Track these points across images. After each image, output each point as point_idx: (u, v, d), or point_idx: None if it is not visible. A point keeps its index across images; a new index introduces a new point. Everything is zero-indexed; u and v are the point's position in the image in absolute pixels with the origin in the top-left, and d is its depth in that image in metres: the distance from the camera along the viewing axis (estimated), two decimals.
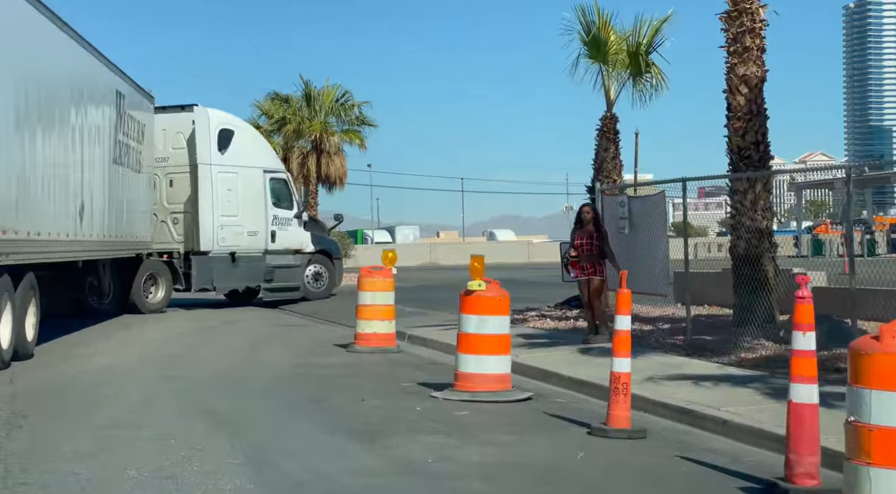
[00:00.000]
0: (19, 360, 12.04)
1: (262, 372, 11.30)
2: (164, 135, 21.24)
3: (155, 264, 20.44)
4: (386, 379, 10.85)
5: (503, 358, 9.55)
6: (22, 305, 12.10)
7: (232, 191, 21.29)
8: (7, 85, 11.64)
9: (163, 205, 21.26)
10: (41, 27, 12.95)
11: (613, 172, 15.26)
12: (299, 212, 22.85)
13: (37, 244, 12.70)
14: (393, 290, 13.67)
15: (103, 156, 16.36)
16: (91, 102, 15.59)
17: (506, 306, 9.62)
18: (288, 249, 22.42)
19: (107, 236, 16.62)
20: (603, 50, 15.36)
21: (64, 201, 14.03)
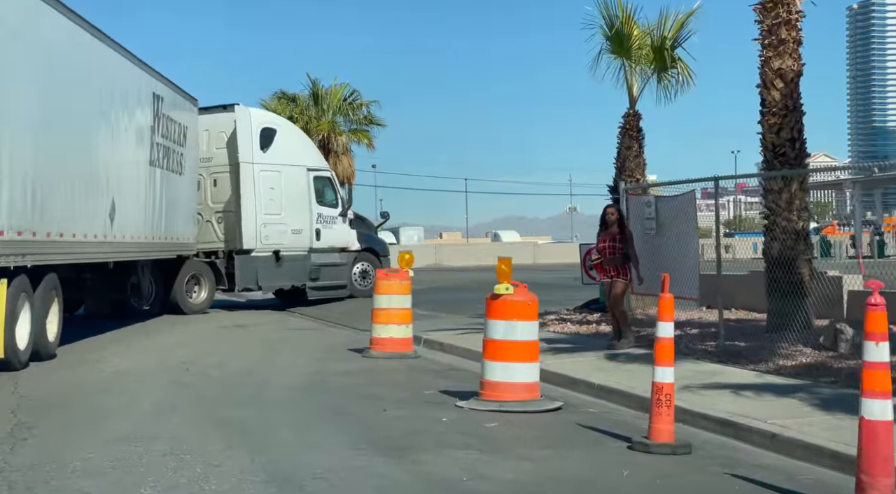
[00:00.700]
0: (41, 360, 11.99)
1: (277, 380, 10.85)
2: (207, 136, 21.22)
3: (197, 265, 20.32)
4: (406, 386, 10.40)
5: (532, 366, 9.09)
6: (42, 306, 12.13)
7: (275, 189, 21.12)
8: (25, 87, 11.59)
9: (207, 205, 21.17)
10: (61, 26, 12.81)
11: (636, 171, 14.78)
12: (344, 210, 22.70)
13: (59, 245, 12.69)
14: (410, 293, 13.25)
15: (138, 159, 16.40)
16: (122, 104, 15.60)
17: (534, 311, 9.17)
18: (333, 247, 22.28)
19: (143, 238, 16.68)
20: (626, 45, 14.88)
21: (91, 203, 14.01)
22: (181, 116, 19.26)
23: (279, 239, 21.16)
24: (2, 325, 10.82)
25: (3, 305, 10.87)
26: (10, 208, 11.05)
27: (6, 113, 11.10)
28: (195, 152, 20.45)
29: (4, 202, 10.94)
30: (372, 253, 23.47)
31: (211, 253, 20.92)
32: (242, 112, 21.36)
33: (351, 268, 22.78)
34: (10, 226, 11.07)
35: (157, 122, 17.48)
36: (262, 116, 22.16)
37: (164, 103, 17.86)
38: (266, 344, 14.78)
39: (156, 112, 17.41)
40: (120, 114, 15.47)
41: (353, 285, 22.71)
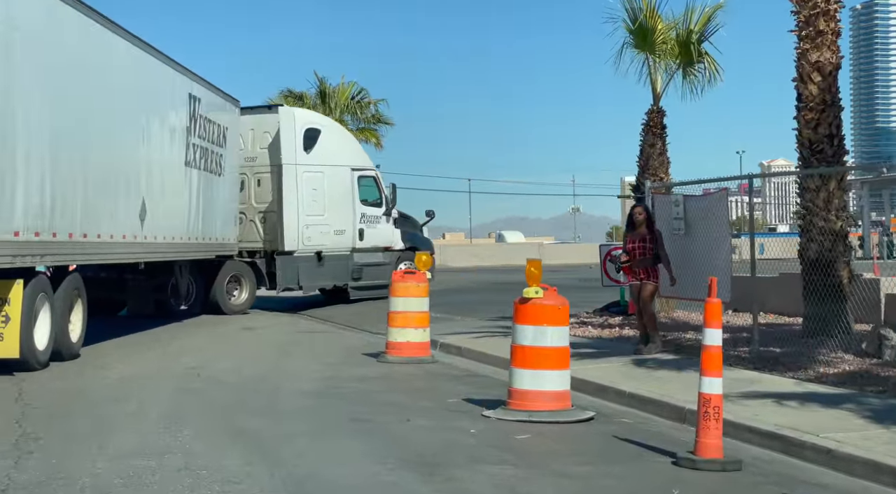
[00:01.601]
0: (63, 360, 11.97)
1: (291, 386, 10.39)
2: (252, 135, 21.18)
3: (238, 265, 20.20)
4: (428, 394, 9.94)
5: (562, 374, 8.64)
6: (64, 306, 12.16)
7: (318, 190, 21.11)
8: (40, 88, 11.47)
9: (251, 205, 21.09)
10: (79, 25, 12.63)
11: (660, 170, 14.30)
12: (388, 210, 22.71)
13: (83, 246, 12.70)
14: (427, 296, 12.78)
15: (172, 159, 16.31)
16: (153, 105, 15.53)
17: (565, 315, 8.71)
18: (377, 247, 22.33)
19: (177, 238, 16.60)
20: (650, 39, 14.39)
21: (118, 204, 13.95)
22: (221, 117, 19.16)
23: (321, 239, 21.19)
24: (17, 326, 10.76)
25: (19, 306, 10.79)
26: (25, 209, 11.00)
27: (19, 115, 10.97)
28: (236, 153, 20.40)
29: (20, 203, 10.86)
30: (416, 251, 22.78)
31: (253, 252, 20.84)
32: (286, 113, 21.41)
33: (393, 268, 22.28)
34: (26, 227, 11.01)
35: (193, 123, 17.38)
36: (307, 117, 22.10)
37: (201, 104, 17.74)
38: (277, 347, 14.33)
39: (192, 113, 17.30)
40: (150, 114, 15.38)
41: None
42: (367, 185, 22.41)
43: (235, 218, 20.37)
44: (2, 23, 10.63)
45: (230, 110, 20.11)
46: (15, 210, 10.74)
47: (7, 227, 10.62)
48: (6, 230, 10.60)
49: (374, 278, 22.09)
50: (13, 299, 10.77)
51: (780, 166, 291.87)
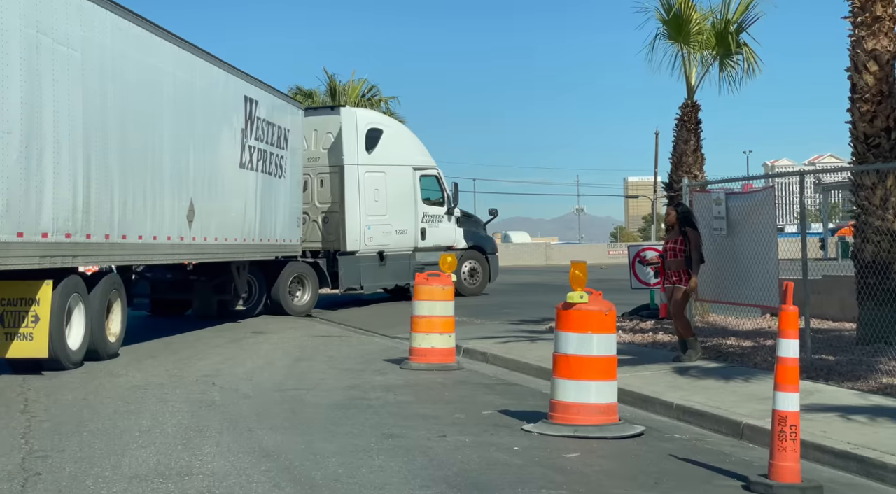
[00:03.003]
0: (100, 360, 12.18)
1: (315, 397, 9.77)
2: (314, 136, 21.39)
3: (301, 266, 20.19)
4: (459, 404, 9.32)
5: (609, 385, 8.03)
6: (100, 306, 12.31)
7: (380, 190, 21.35)
8: (72, 91, 11.50)
9: (314, 205, 21.28)
10: (113, 26, 12.63)
11: (694, 167, 13.65)
12: (450, 209, 22.82)
13: (122, 247, 12.89)
14: (453, 299, 12.18)
15: (224, 161, 16.38)
16: (202, 107, 15.51)
17: (612, 322, 8.10)
18: (439, 246, 22.45)
19: (232, 240, 16.70)
20: (685, 29, 13.74)
21: (161, 205, 14.00)
22: (281, 119, 19.20)
23: (383, 239, 21.37)
24: (46, 326, 10.82)
25: (48, 306, 10.85)
26: (55, 212, 11.06)
27: (48, 119, 10.94)
28: (299, 155, 20.39)
29: (48, 206, 10.91)
30: (479, 250, 23.56)
31: (316, 252, 20.99)
32: (348, 113, 21.53)
33: (458, 267, 22.83)
34: (56, 229, 11.09)
35: (250, 125, 17.41)
36: (369, 117, 22.16)
37: (258, 106, 17.79)
38: (292, 353, 13.71)
39: (248, 115, 17.34)
40: (197, 116, 15.35)
41: (461, 283, 22.78)
42: (429, 185, 22.52)
43: (298, 219, 20.31)
44: (29, 27, 10.61)
45: (292, 113, 20.12)
46: (42, 212, 10.79)
47: (34, 229, 10.67)
48: (33, 232, 10.65)
49: None
50: (42, 299, 10.84)
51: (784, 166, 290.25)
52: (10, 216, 10.20)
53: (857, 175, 10.24)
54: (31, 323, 10.80)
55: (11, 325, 10.82)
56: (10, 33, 10.23)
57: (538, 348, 12.98)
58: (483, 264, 23.49)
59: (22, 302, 10.84)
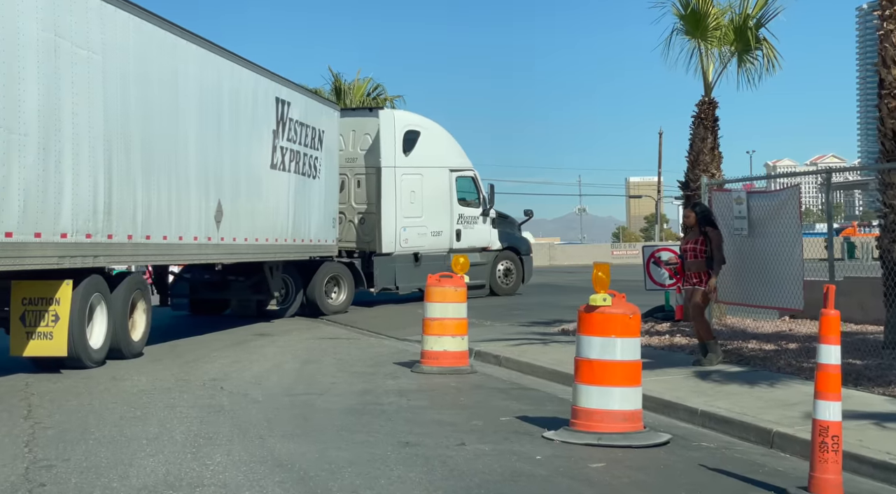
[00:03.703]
0: (124, 359, 12.36)
1: (325, 402, 9.49)
2: (352, 137, 21.51)
3: (336, 266, 20.33)
4: (476, 410, 9.03)
5: (634, 391, 7.73)
6: (124, 306, 12.44)
7: (416, 192, 21.57)
8: (98, 93, 11.68)
9: (351, 205, 21.44)
10: (136, 28, 12.76)
11: (712, 165, 13.34)
12: (486, 210, 22.97)
13: (147, 247, 13.02)
14: (466, 301, 11.89)
15: (253, 162, 16.49)
16: (230, 108, 15.59)
17: (636, 325, 7.81)
18: (474, 247, 22.65)
19: (262, 240, 16.79)
20: (702, 24, 13.42)
21: (188, 206, 14.12)
22: (316, 120, 19.32)
23: (419, 241, 21.57)
24: (66, 325, 10.93)
25: (67, 305, 10.93)
26: (74, 213, 11.17)
27: (66, 122, 11.02)
28: (335, 156, 20.54)
29: (67, 207, 11.02)
30: (514, 251, 23.63)
31: (351, 252, 21.22)
32: (386, 115, 21.62)
33: (492, 267, 23.12)
34: (75, 230, 11.20)
35: (282, 127, 17.53)
36: (407, 119, 22.17)
37: (290, 108, 17.89)
38: (300, 356, 13.42)
39: (279, 116, 17.44)
40: (224, 117, 15.38)
41: (497, 284, 23.16)
42: (465, 186, 22.64)
43: (334, 220, 20.43)
44: (47, 31, 10.67)
45: (328, 114, 20.22)
46: (61, 214, 10.90)
47: (52, 230, 10.77)
48: (51, 232, 10.75)
49: (471, 278, 22.54)
50: (62, 299, 10.93)
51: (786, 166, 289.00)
52: (26, 217, 10.30)
53: (885, 173, 9.94)
54: (51, 322, 10.88)
55: (32, 324, 10.93)
56: (27, 37, 10.33)
57: (552, 351, 12.70)
58: (517, 265, 23.59)
59: (42, 302, 10.94)
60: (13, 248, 10.10)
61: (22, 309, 10.92)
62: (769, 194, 10.68)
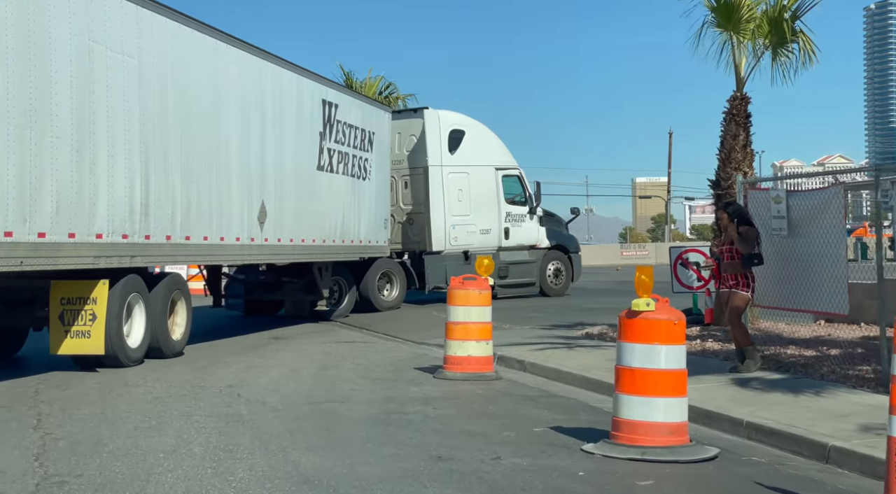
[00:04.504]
0: (165, 358, 12.53)
1: (348, 411, 9.06)
2: (398, 139, 21.76)
3: (388, 263, 20.72)
4: (507, 420, 8.60)
5: (680, 402, 7.28)
6: (163, 306, 12.55)
7: (463, 190, 21.74)
8: (134, 95, 11.82)
9: (399, 206, 21.80)
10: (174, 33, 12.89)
11: (744, 163, 12.86)
12: (533, 208, 23.04)
13: (186, 248, 13.16)
14: (490, 305, 11.46)
15: (299, 163, 16.60)
16: (274, 110, 15.68)
17: (681, 332, 7.37)
18: (522, 245, 22.83)
19: (309, 241, 16.92)
20: (735, 16, 12.93)
21: (231, 207, 14.24)
22: (366, 122, 19.50)
23: (468, 239, 21.79)
24: (103, 324, 11.05)
25: (104, 304, 11.06)
26: (110, 214, 11.33)
27: (101, 125, 11.14)
28: (386, 158, 20.76)
29: (102, 208, 11.16)
30: (562, 250, 23.66)
31: (400, 253, 21.56)
32: (431, 115, 21.71)
33: (540, 266, 23.14)
34: (111, 230, 11.36)
35: (328, 128, 17.70)
36: (452, 118, 22.23)
37: (338, 110, 18.06)
38: (317, 360, 13.00)
39: (326, 118, 17.63)
40: (267, 120, 15.48)
41: (546, 284, 23.17)
42: (512, 184, 22.70)
43: (386, 221, 20.66)
44: (80, 36, 10.80)
45: (378, 115, 20.37)
46: (96, 214, 11.08)
47: (87, 230, 10.93)
48: (86, 233, 10.91)
49: (519, 276, 22.59)
50: (99, 298, 11.08)
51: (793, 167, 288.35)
52: (60, 218, 10.44)
53: None
54: (88, 321, 11.04)
55: (70, 323, 11.08)
56: (59, 43, 10.48)
57: (578, 356, 12.27)
58: (566, 264, 23.62)
59: (80, 301, 11.10)
60: (46, 248, 10.26)
61: (61, 309, 11.07)
62: (810, 193, 10.23)
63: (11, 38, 9.82)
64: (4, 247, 9.67)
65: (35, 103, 10.11)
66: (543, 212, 23.53)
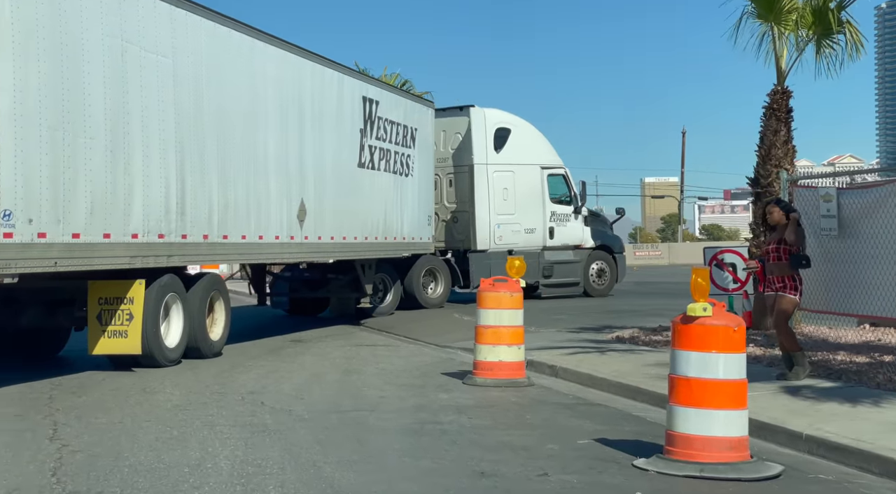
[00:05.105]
0: (204, 358, 12.51)
1: (378, 420, 8.60)
2: (443, 137, 21.72)
3: (432, 260, 20.78)
4: (547, 431, 8.13)
5: (740, 415, 6.81)
6: (201, 305, 12.58)
7: (508, 189, 21.69)
8: (169, 95, 11.81)
9: (444, 205, 21.74)
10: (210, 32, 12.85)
11: (785, 160, 12.32)
12: (578, 208, 22.94)
13: (224, 247, 13.16)
14: (522, 308, 10.99)
15: (339, 161, 16.56)
16: (312, 108, 15.62)
17: (741, 339, 6.90)
18: (566, 245, 22.77)
19: (350, 238, 16.91)
20: (776, 6, 12.39)
21: (269, 206, 14.20)
22: (408, 118, 19.43)
23: (512, 238, 21.72)
24: (139, 324, 11.08)
25: (140, 304, 11.08)
26: (145, 214, 11.34)
27: (135, 125, 11.15)
28: (429, 154, 20.66)
29: (137, 209, 11.18)
30: (606, 250, 23.47)
31: (445, 251, 21.47)
32: (477, 113, 21.66)
33: (584, 266, 22.99)
34: (147, 230, 11.38)
35: (369, 125, 17.67)
36: (497, 117, 22.17)
37: (378, 106, 18.00)
38: (340, 365, 12.53)
39: (367, 115, 17.59)
40: (306, 117, 15.44)
41: (589, 284, 23.01)
42: (557, 183, 22.57)
43: (429, 217, 20.58)
44: (112, 37, 10.78)
45: (420, 111, 20.27)
46: (131, 215, 11.09)
47: (122, 231, 10.95)
48: (121, 233, 10.93)
49: (564, 276, 22.57)
50: (136, 298, 11.11)
51: (803, 167, 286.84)
52: (94, 218, 10.46)
53: None
54: (125, 320, 11.08)
55: (107, 323, 11.12)
56: (92, 43, 10.49)
57: (611, 361, 11.80)
58: (611, 264, 23.41)
59: (117, 301, 11.13)
60: (81, 249, 10.27)
61: (98, 309, 11.11)
62: (864, 190, 9.74)
63: (43, 40, 9.84)
64: (38, 247, 9.69)
65: (68, 104, 10.13)
66: (588, 211, 23.48)
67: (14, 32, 9.45)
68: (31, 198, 9.57)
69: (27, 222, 9.48)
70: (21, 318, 11.59)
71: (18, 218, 9.35)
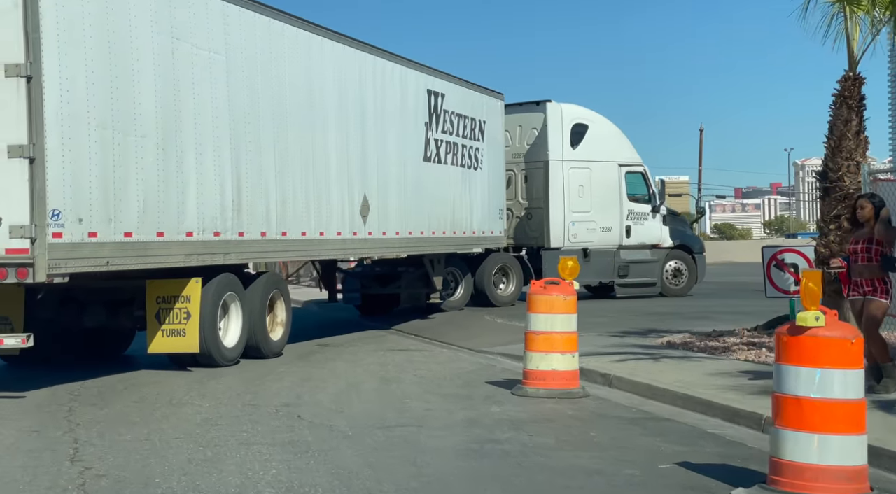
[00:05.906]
0: (265, 359, 12.36)
1: (429, 438, 7.76)
2: (519, 132, 21.44)
3: (504, 257, 20.47)
4: (618, 452, 7.29)
5: (857, 440, 5.94)
6: (260, 305, 12.41)
7: (584, 186, 21.26)
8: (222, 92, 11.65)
9: (518, 201, 21.41)
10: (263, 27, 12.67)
11: (857, 152, 11.42)
12: (657, 206, 22.37)
13: (284, 244, 12.99)
14: (576, 312, 10.14)
15: (404, 155, 16.34)
16: (375, 103, 15.43)
17: (859, 353, 6.03)
18: (643, 244, 22.21)
19: (416, 233, 16.67)
20: None
21: (330, 202, 14.05)
22: (475, 111, 19.15)
23: (587, 236, 21.29)
24: (197, 322, 10.97)
25: (198, 303, 10.98)
26: (200, 212, 11.21)
27: (187, 122, 11.02)
28: (500, 146, 20.41)
29: (191, 207, 11.05)
30: (685, 250, 22.87)
31: (518, 248, 21.21)
32: (553, 109, 21.26)
33: (662, 266, 22.43)
34: (202, 228, 11.25)
35: (435, 119, 17.43)
36: (574, 112, 21.76)
37: (444, 99, 17.75)
38: (375, 372, 11.70)
39: (432, 108, 17.37)
40: (368, 112, 15.20)
41: (664, 284, 22.44)
42: (635, 181, 22.06)
43: (501, 211, 20.23)
44: (162, 34, 10.69)
45: (489, 104, 19.94)
46: (185, 213, 10.97)
47: (176, 229, 10.82)
48: (175, 231, 10.80)
49: (640, 276, 22.04)
50: (192, 296, 11.02)
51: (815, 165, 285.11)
52: (147, 217, 10.35)
53: None
54: (183, 319, 11.00)
55: (166, 321, 11.05)
56: (141, 41, 10.37)
57: (668, 369, 10.96)
58: (689, 264, 22.78)
59: (174, 300, 11.03)
60: (134, 248, 10.17)
61: (157, 308, 11.05)
62: None
63: (91, 39, 9.69)
64: (89, 247, 9.55)
65: (117, 103, 10.01)
66: (668, 210, 22.83)
67: (59, 31, 9.23)
68: (81, 198, 9.43)
69: (77, 221, 9.35)
70: (84, 318, 11.61)
71: (67, 217, 9.23)
